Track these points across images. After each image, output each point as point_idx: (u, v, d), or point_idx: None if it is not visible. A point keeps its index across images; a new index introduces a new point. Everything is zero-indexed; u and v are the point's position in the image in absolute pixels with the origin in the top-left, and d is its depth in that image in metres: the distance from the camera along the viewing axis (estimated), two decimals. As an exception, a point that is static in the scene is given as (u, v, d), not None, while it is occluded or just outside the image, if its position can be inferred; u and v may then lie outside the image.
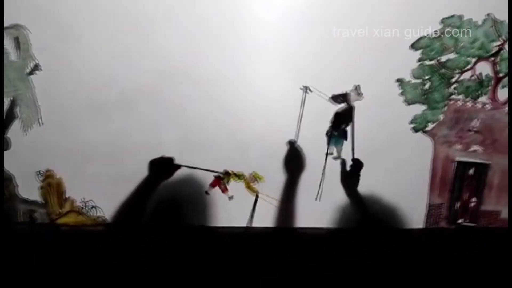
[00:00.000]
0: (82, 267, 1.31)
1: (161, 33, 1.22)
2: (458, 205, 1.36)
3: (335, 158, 1.32)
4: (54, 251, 1.34)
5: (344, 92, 1.25)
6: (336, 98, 1.25)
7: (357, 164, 1.32)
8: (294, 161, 1.32)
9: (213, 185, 1.37)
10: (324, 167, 1.33)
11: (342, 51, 1.21)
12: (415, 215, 1.36)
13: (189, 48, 1.23)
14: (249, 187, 1.36)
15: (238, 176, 1.35)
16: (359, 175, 1.33)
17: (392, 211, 1.34)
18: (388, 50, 1.20)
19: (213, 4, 1.18)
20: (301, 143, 1.31)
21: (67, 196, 1.38)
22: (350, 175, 1.33)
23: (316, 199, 1.35)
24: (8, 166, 1.36)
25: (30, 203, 1.39)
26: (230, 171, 1.35)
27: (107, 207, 1.38)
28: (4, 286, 1.27)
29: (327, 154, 1.32)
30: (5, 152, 1.34)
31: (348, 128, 1.29)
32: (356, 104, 1.26)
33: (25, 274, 1.31)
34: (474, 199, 1.35)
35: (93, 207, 1.38)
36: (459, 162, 1.32)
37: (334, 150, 1.32)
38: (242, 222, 1.38)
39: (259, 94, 1.27)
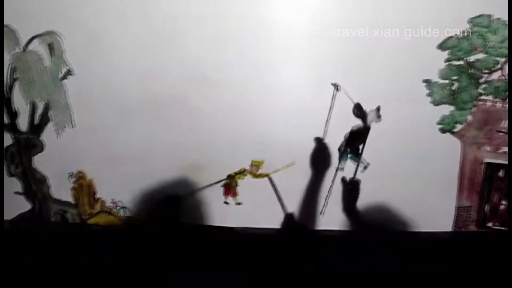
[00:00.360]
0: (109, 266, 1.35)
1: (188, 39, 1.24)
2: (487, 208, 1.33)
3: (340, 169, 1.33)
4: (85, 250, 1.38)
5: (365, 109, 1.26)
6: (358, 109, 1.25)
7: (354, 186, 1.32)
8: (320, 157, 1.32)
9: (226, 194, 1.38)
10: (332, 182, 1.34)
11: (368, 51, 1.20)
12: (443, 218, 1.34)
13: (215, 53, 1.24)
14: (256, 176, 1.36)
15: (241, 172, 1.36)
16: (355, 196, 1.34)
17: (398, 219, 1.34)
18: (415, 50, 1.19)
19: (237, 10, 1.20)
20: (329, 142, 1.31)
21: (97, 197, 1.42)
22: (348, 195, 1.34)
23: (320, 213, 1.36)
24: (41, 167, 1.40)
25: (62, 203, 1.43)
26: (232, 173, 1.36)
27: (135, 208, 1.41)
28: (37, 284, 1.31)
29: (337, 169, 1.33)
30: (39, 154, 1.38)
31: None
32: (383, 103, 1.25)
33: (57, 271, 1.35)
34: (504, 202, 1.32)
35: (122, 207, 1.41)
36: (488, 164, 1.29)
37: (344, 165, 1.33)
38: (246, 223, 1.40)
39: (284, 98, 1.27)
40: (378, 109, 1.24)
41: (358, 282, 1.27)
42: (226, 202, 1.39)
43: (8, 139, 1.38)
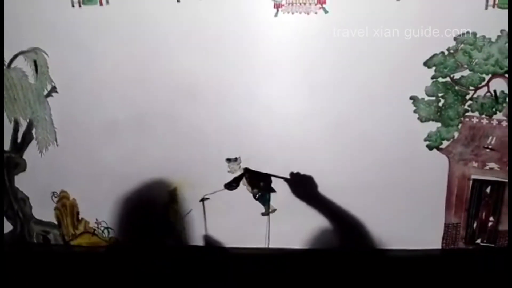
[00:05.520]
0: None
1: (176, 54, 1.23)
2: (475, 224, 1.33)
3: (271, 212, 1.36)
4: (68, 272, 1.34)
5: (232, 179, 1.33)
6: (229, 186, 1.33)
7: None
8: None
9: None
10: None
11: (356, 67, 1.20)
12: (431, 235, 1.34)
13: (204, 68, 1.24)
14: None
15: None
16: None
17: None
18: (402, 67, 1.19)
19: (226, 26, 1.20)
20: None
21: (81, 217, 1.39)
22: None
23: None
24: (23, 187, 1.38)
25: (45, 224, 1.40)
26: None
27: (119, 228, 1.38)
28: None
29: (265, 214, 1.36)
30: (20, 174, 1.36)
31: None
32: (370, 119, 1.25)
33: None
34: (491, 218, 1.32)
35: (106, 228, 1.39)
36: (475, 180, 1.29)
37: (270, 208, 1.36)
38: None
39: (275, 112, 1.27)
40: (236, 159, 1.31)
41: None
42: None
43: (-12, 158, 1.35)
